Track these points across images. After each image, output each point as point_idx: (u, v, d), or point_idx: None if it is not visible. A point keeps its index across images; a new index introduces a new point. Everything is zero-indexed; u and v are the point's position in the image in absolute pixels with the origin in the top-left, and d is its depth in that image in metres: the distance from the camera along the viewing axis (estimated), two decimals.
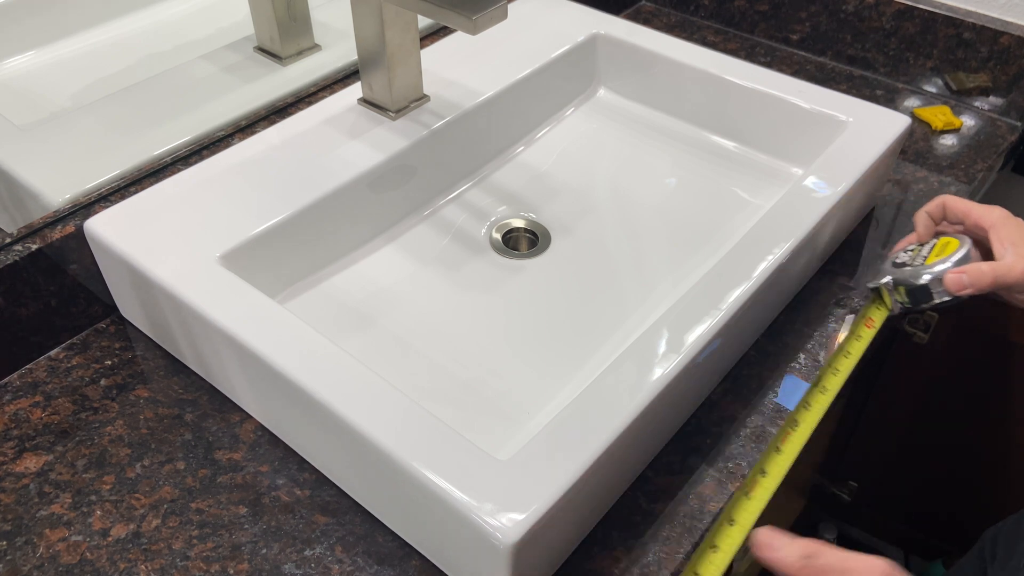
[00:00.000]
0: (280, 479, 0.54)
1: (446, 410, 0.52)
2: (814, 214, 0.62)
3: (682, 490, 0.54)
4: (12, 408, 0.59)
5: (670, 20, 1.02)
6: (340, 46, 0.79)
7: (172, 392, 0.60)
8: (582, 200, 0.74)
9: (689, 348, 0.52)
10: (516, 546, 0.42)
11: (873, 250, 0.71)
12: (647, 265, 0.68)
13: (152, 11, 0.73)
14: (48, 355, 0.62)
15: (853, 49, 0.93)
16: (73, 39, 0.69)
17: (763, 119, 0.75)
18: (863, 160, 0.67)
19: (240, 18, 0.76)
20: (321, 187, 0.63)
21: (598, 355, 0.60)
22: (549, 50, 0.79)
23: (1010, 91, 0.86)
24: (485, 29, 0.57)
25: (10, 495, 0.54)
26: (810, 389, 0.59)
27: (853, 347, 0.63)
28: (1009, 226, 0.59)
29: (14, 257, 0.58)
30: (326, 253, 0.65)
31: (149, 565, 0.50)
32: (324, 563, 0.50)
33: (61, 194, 0.63)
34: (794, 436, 0.56)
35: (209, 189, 0.62)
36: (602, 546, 0.51)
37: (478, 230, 0.71)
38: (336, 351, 0.50)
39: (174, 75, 0.72)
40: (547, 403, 0.57)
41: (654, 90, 0.81)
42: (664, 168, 0.77)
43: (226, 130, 0.71)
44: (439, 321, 0.63)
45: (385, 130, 0.69)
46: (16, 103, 0.65)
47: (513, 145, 0.78)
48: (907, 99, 0.90)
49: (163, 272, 0.56)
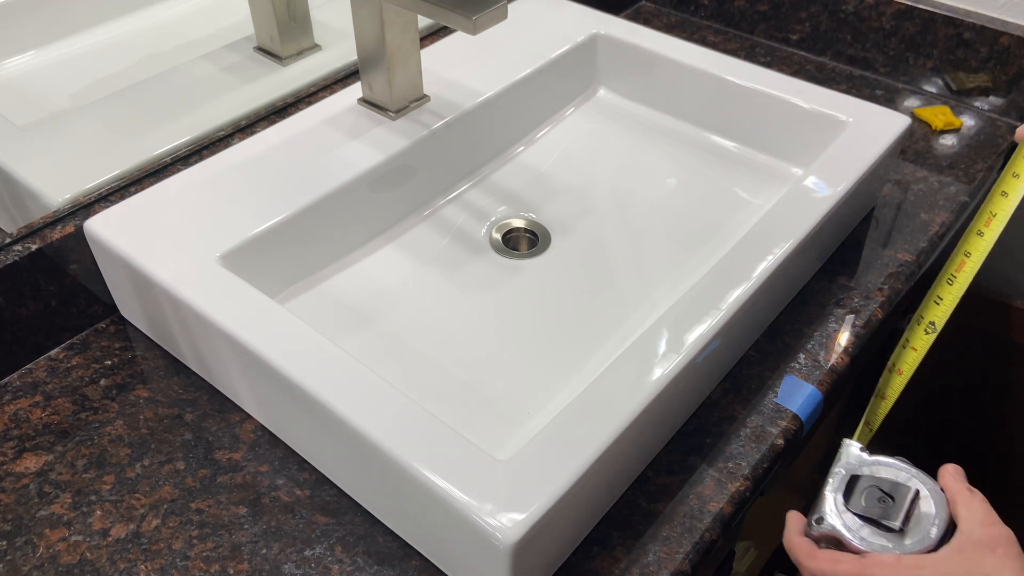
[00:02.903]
0: (280, 479, 0.54)
1: (446, 410, 0.52)
2: (814, 214, 0.62)
3: (682, 490, 0.54)
4: (12, 408, 0.59)
5: (670, 20, 1.02)
6: (340, 46, 0.79)
7: (172, 392, 0.60)
8: (582, 200, 0.74)
9: (689, 348, 0.52)
10: (516, 546, 0.42)
11: (873, 250, 0.71)
12: (647, 265, 0.68)
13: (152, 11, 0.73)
14: (48, 355, 0.62)
15: (853, 49, 0.93)
16: (73, 39, 0.69)
17: (763, 119, 0.75)
18: (863, 160, 0.67)
19: (240, 18, 0.76)
20: (321, 187, 0.63)
21: (598, 355, 0.60)
22: (549, 50, 0.79)
23: (1010, 91, 0.86)
24: (485, 29, 0.57)
25: (10, 495, 0.54)
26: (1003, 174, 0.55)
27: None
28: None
29: (14, 257, 0.58)
30: (326, 253, 0.65)
31: (149, 565, 0.50)
32: (324, 563, 0.50)
33: (61, 194, 0.62)
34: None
35: (209, 189, 0.62)
36: (602, 546, 0.51)
37: (478, 230, 0.71)
38: (336, 351, 0.50)
39: (174, 75, 0.72)
40: (547, 403, 0.57)
41: (654, 90, 0.81)
42: (664, 168, 0.77)
43: (226, 130, 0.71)
44: (439, 321, 0.63)
45: (385, 130, 0.69)
46: (16, 103, 0.65)
47: (513, 145, 0.78)
48: (907, 99, 0.90)
49: (163, 272, 0.56)
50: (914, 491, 0.44)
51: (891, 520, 0.43)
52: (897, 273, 0.69)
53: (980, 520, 0.41)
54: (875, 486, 0.45)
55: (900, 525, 0.43)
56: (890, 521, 0.43)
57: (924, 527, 0.42)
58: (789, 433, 0.57)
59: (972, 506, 0.43)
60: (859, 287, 0.68)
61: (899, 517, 0.43)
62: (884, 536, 0.43)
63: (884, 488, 0.44)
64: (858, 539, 0.43)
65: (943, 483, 0.44)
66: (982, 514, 0.42)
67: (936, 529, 0.42)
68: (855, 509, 0.44)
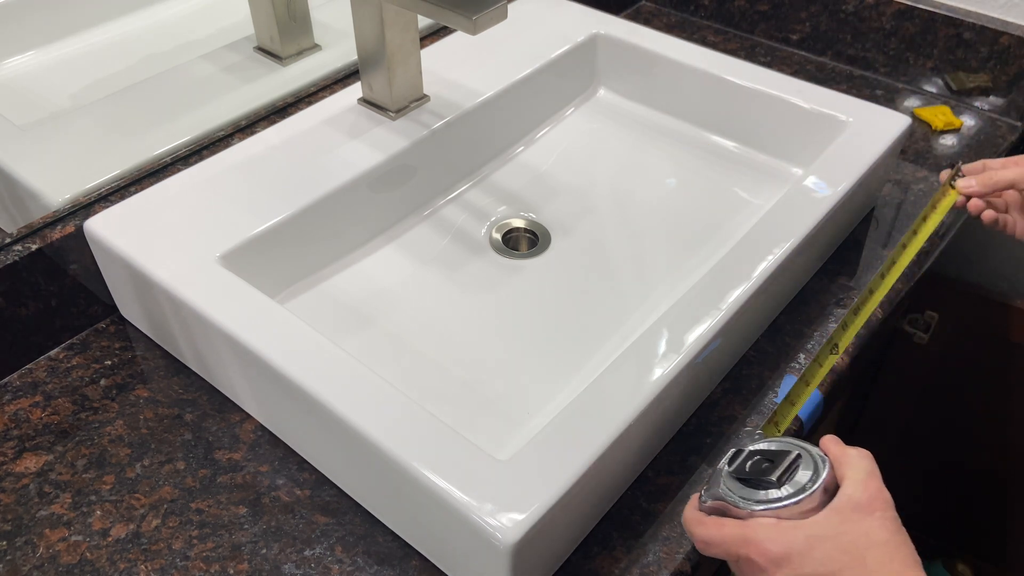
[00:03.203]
0: (280, 479, 0.54)
1: (446, 410, 0.52)
2: (814, 214, 0.62)
3: (682, 490, 0.54)
4: (12, 408, 0.59)
5: (670, 20, 1.02)
6: (340, 46, 0.79)
7: (172, 392, 0.60)
8: (582, 200, 0.74)
9: (689, 348, 0.52)
10: (516, 546, 0.42)
11: (873, 250, 0.71)
12: (647, 265, 0.68)
13: (152, 11, 0.73)
14: (48, 355, 0.62)
15: (853, 49, 0.93)
16: (73, 39, 0.69)
17: (763, 119, 0.75)
18: (863, 160, 0.67)
19: (240, 18, 0.76)
20: (321, 187, 0.63)
21: (598, 355, 0.60)
22: (549, 50, 0.79)
23: (1010, 91, 0.86)
24: (485, 29, 0.57)
25: (10, 495, 0.54)
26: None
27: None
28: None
29: (14, 257, 0.58)
30: (326, 253, 0.65)
31: (149, 565, 0.50)
32: (324, 563, 0.50)
33: (61, 194, 0.62)
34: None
35: (209, 189, 0.62)
36: (602, 546, 0.51)
37: (478, 230, 0.71)
38: (336, 351, 0.50)
39: (174, 75, 0.72)
40: (547, 403, 0.57)
41: (654, 90, 0.81)
42: (664, 168, 0.77)
43: (226, 130, 0.71)
44: (439, 321, 0.63)
45: (385, 130, 0.69)
46: (16, 103, 0.65)
47: (513, 145, 0.78)
48: (907, 99, 0.90)
49: (163, 272, 0.56)
50: (795, 454, 0.44)
51: (768, 476, 0.43)
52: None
53: (862, 483, 0.42)
54: (760, 456, 0.45)
55: (776, 478, 0.43)
56: (767, 477, 0.43)
57: (800, 481, 0.43)
58: (789, 433, 0.57)
59: (856, 466, 0.43)
60: (859, 287, 0.68)
61: (776, 473, 0.43)
62: (762, 492, 0.43)
63: (768, 457, 0.45)
64: (739, 499, 0.44)
65: (825, 448, 0.45)
66: (864, 476, 0.42)
67: (814, 484, 0.42)
68: (738, 474, 0.45)
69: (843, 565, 0.39)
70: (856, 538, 0.40)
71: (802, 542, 0.40)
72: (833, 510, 0.41)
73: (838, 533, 0.40)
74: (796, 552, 0.40)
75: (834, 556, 0.40)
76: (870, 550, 0.40)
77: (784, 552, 0.40)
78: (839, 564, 0.40)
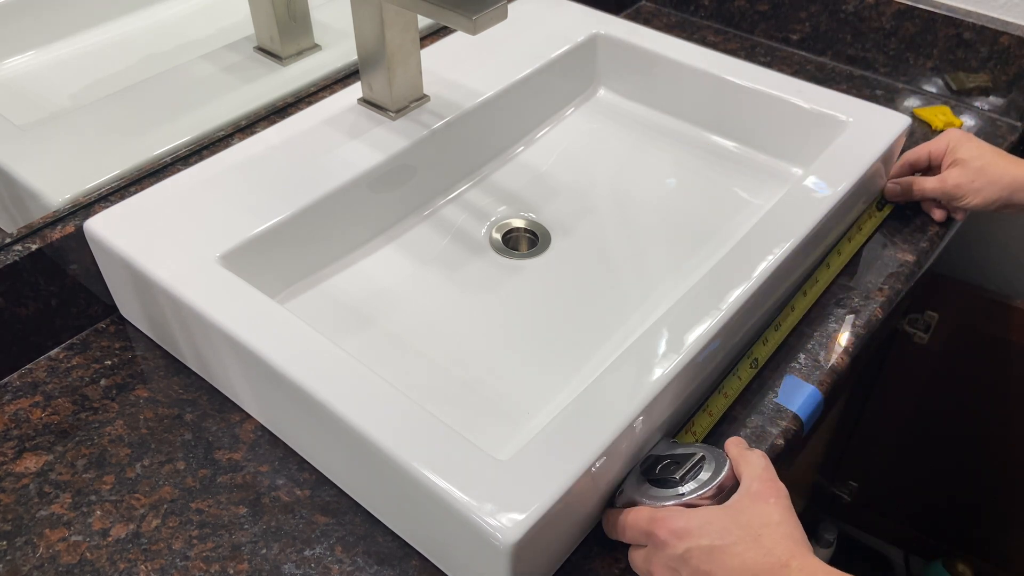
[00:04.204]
0: (280, 479, 0.54)
1: (446, 410, 0.52)
2: (814, 214, 0.62)
3: None
4: (12, 408, 0.59)
5: (670, 20, 1.02)
6: (340, 46, 0.79)
7: (172, 392, 0.60)
8: (582, 200, 0.74)
9: (689, 348, 0.52)
10: (516, 546, 0.42)
11: (873, 250, 0.71)
12: (647, 265, 0.68)
13: (152, 11, 0.73)
14: (48, 355, 0.62)
15: (853, 49, 0.93)
16: (73, 39, 0.69)
17: (763, 119, 0.75)
18: (863, 160, 0.67)
19: (240, 18, 0.76)
20: (321, 187, 0.63)
21: (598, 355, 0.60)
22: (549, 50, 0.79)
23: (1010, 91, 0.86)
24: (485, 29, 0.57)
25: (10, 495, 0.54)
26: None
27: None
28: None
29: (14, 257, 0.58)
30: (326, 253, 0.65)
31: (149, 565, 0.50)
32: (324, 563, 0.50)
33: (61, 194, 0.62)
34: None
35: (209, 189, 0.62)
36: (602, 546, 0.51)
37: (478, 230, 0.71)
38: (336, 351, 0.50)
39: (174, 75, 0.72)
40: (547, 403, 0.57)
41: (654, 90, 0.81)
42: (664, 168, 0.77)
43: (226, 130, 0.71)
44: (439, 321, 0.63)
45: (385, 130, 0.69)
46: (16, 103, 0.65)
47: (513, 145, 0.78)
48: (907, 99, 0.90)
49: (163, 272, 0.56)
50: (699, 456, 0.49)
51: (673, 475, 0.49)
52: (897, 273, 0.69)
53: (758, 476, 0.47)
54: (669, 459, 0.51)
55: (680, 477, 0.48)
56: (672, 476, 0.49)
57: (701, 478, 0.48)
58: (789, 433, 0.57)
59: (752, 463, 0.48)
60: (859, 287, 0.68)
61: (679, 473, 0.49)
62: (667, 490, 0.48)
63: (676, 460, 0.50)
64: (647, 497, 0.48)
65: (727, 449, 0.50)
66: (760, 471, 0.47)
67: (713, 480, 0.47)
68: (648, 476, 0.50)
69: (738, 538, 0.44)
70: (752, 518, 0.45)
71: (701, 517, 0.45)
72: (733, 500, 0.46)
73: (736, 512, 0.45)
74: (695, 526, 0.45)
75: (731, 530, 0.44)
76: (765, 528, 0.44)
77: (684, 526, 0.45)
78: (734, 537, 0.44)
